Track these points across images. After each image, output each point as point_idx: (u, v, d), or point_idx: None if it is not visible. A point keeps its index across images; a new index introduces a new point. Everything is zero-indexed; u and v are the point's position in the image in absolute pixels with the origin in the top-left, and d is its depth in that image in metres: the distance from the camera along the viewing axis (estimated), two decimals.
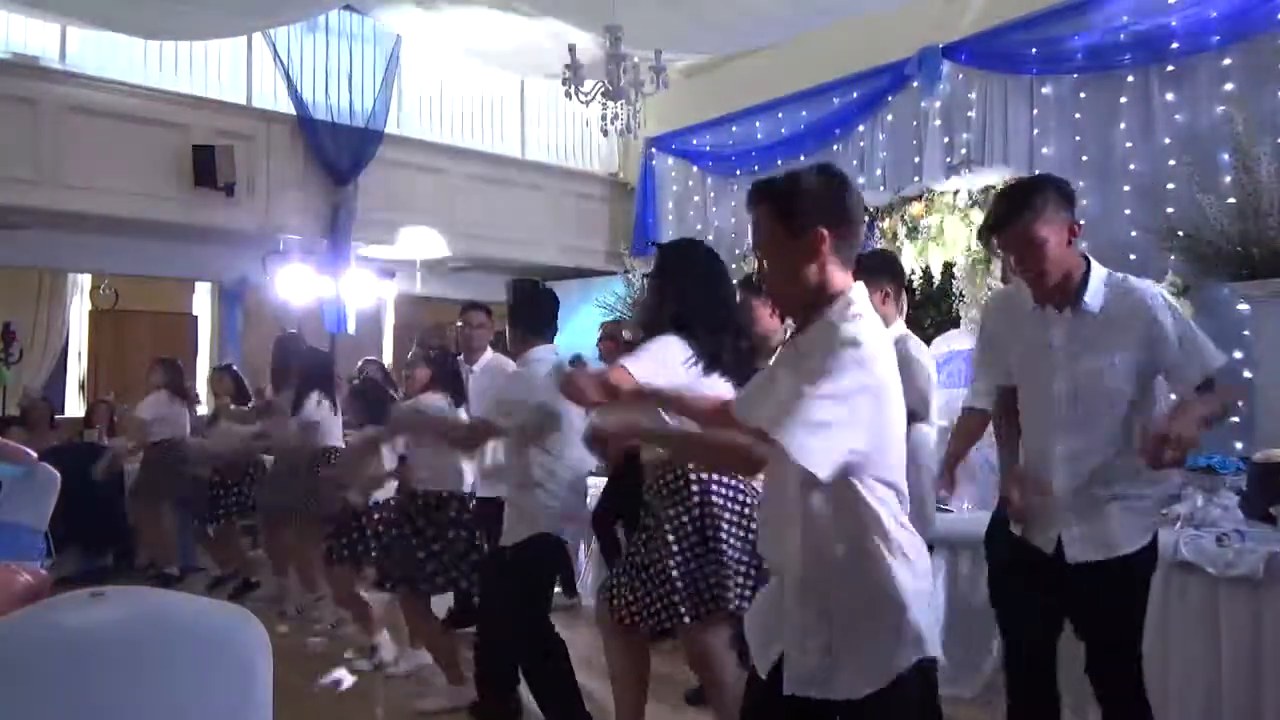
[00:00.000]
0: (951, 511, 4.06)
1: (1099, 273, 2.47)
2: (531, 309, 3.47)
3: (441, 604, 4.64)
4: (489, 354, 4.55)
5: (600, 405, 2.48)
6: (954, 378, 4.85)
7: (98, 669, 1.05)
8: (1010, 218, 2.40)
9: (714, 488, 2.77)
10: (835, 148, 7.30)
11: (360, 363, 5.89)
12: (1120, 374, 2.38)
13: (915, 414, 2.76)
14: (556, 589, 5.47)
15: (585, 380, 2.48)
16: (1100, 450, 2.40)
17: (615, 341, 5.29)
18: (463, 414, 4.03)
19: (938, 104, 6.55)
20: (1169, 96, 5.34)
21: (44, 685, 1.03)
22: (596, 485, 4.68)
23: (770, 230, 1.84)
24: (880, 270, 3.25)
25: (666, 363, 2.56)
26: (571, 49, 6.20)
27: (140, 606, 1.17)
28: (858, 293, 1.82)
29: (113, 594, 1.14)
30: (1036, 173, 5.27)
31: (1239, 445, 4.54)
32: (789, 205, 1.82)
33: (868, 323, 1.77)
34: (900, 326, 3.29)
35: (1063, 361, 2.44)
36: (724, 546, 2.74)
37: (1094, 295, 2.43)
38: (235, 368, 6.72)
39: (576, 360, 5.50)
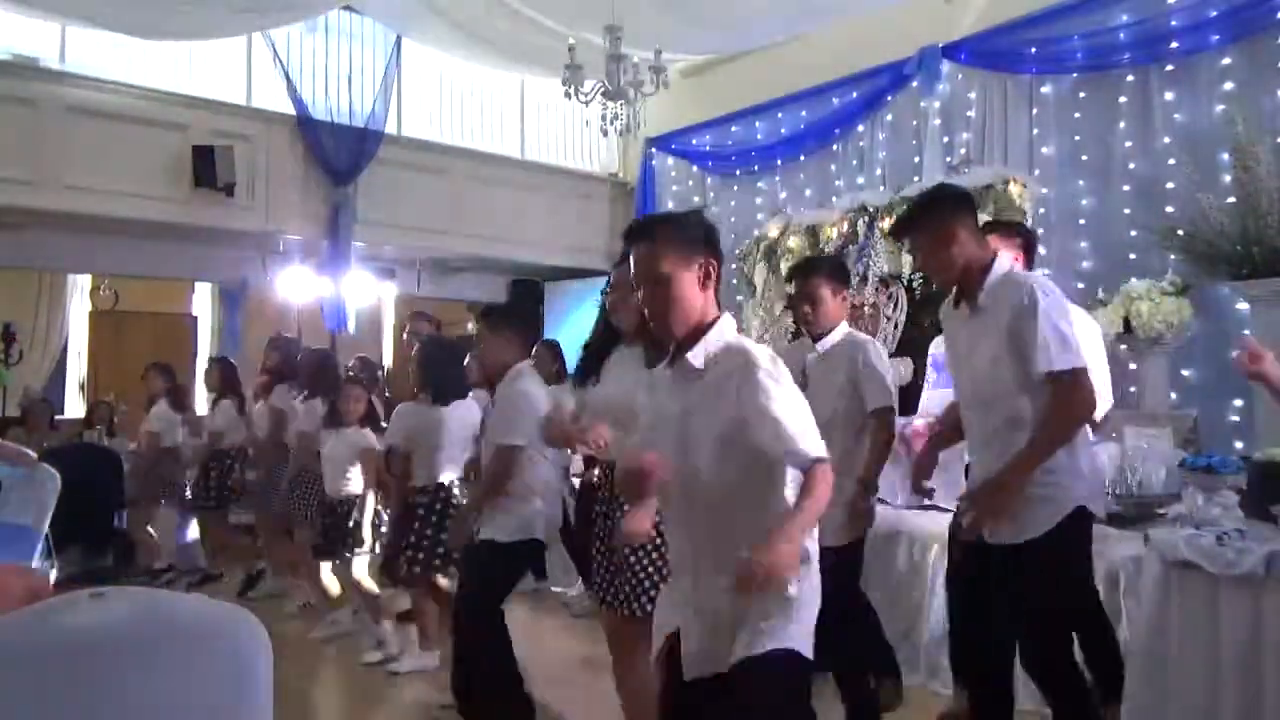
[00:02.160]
0: (949, 510, 4.06)
1: (998, 271, 2.60)
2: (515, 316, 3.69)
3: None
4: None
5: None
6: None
7: (98, 669, 1.05)
8: (906, 228, 2.79)
9: None
10: (835, 148, 7.31)
11: (352, 360, 5.88)
12: (1003, 363, 2.52)
13: None
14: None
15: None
16: (1000, 439, 2.55)
17: None
18: None
19: (937, 104, 6.55)
20: (1169, 96, 5.34)
21: (44, 685, 1.03)
22: None
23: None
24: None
25: None
26: (571, 49, 6.20)
27: (140, 606, 1.17)
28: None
29: (113, 594, 1.13)
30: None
31: (1239, 445, 4.55)
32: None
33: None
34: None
35: (964, 357, 2.65)
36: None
37: (987, 292, 2.58)
38: (231, 360, 6.69)
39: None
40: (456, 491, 4.18)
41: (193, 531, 6.64)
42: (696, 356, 1.98)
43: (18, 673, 1.03)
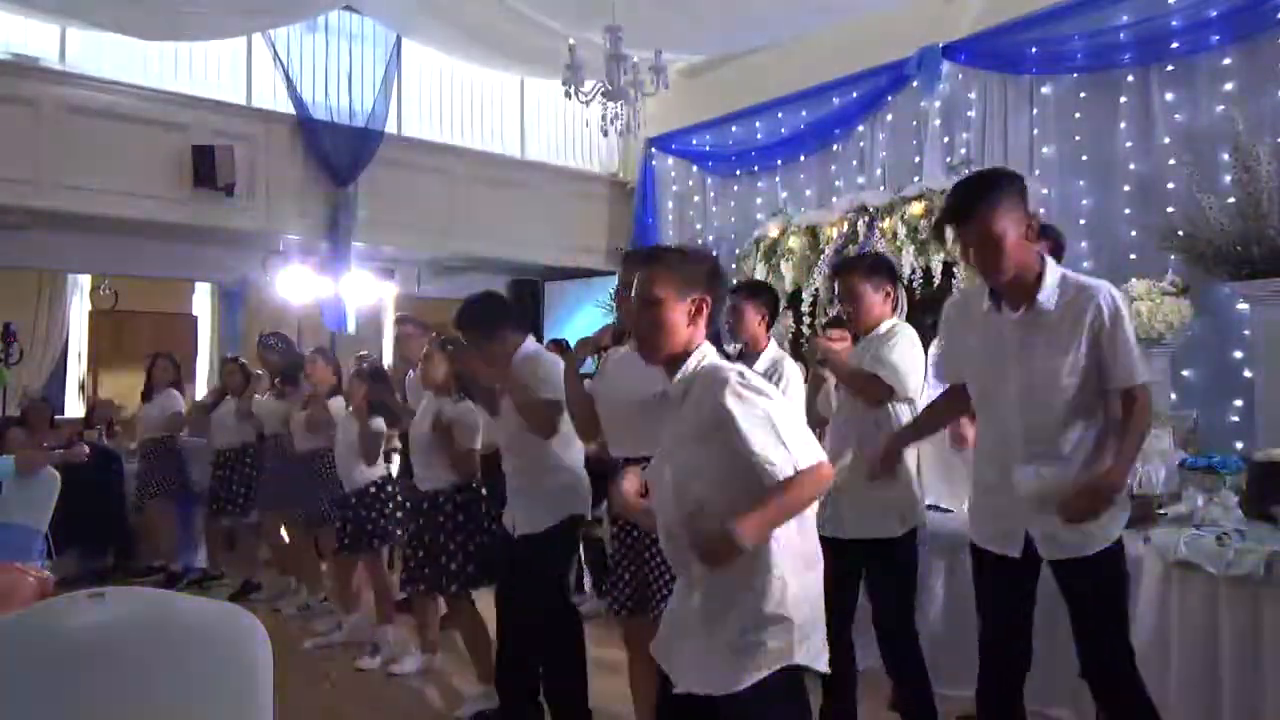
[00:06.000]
0: (951, 511, 4.06)
1: (1054, 271, 2.48)
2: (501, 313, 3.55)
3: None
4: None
5: None
6: None
7: (98, 669, 1.05)
8: (967, 210, 2.42)
9: None
10: (835, 148, 7.31)
11: (354, 357, 5.89)
12: (1073, 372, 2.41)
13: None
14: None
15: None
16: (1058, 451, 2.43)
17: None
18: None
19: (938, 104, 6.55)
20: (1169, 96, 5.34)
21: (44, 685, 1.03)
22: None
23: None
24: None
25: None
26: (571, 49, 6.20)
27: (140, 606, 1.17)
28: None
29: (113, 594, 1.14)
30: (1007, 168, 5.25)
31: (1239, 445, 4.55)
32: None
33: None
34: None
35: (1018, 362, 2.46)
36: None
37: (1048, 293, 2.43)
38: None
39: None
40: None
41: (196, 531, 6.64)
42: (676, 385, 2.05)
43: (19, 672, 1.03)
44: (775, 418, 1.93)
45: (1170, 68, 5.33)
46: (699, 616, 2.00)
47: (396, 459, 5.56)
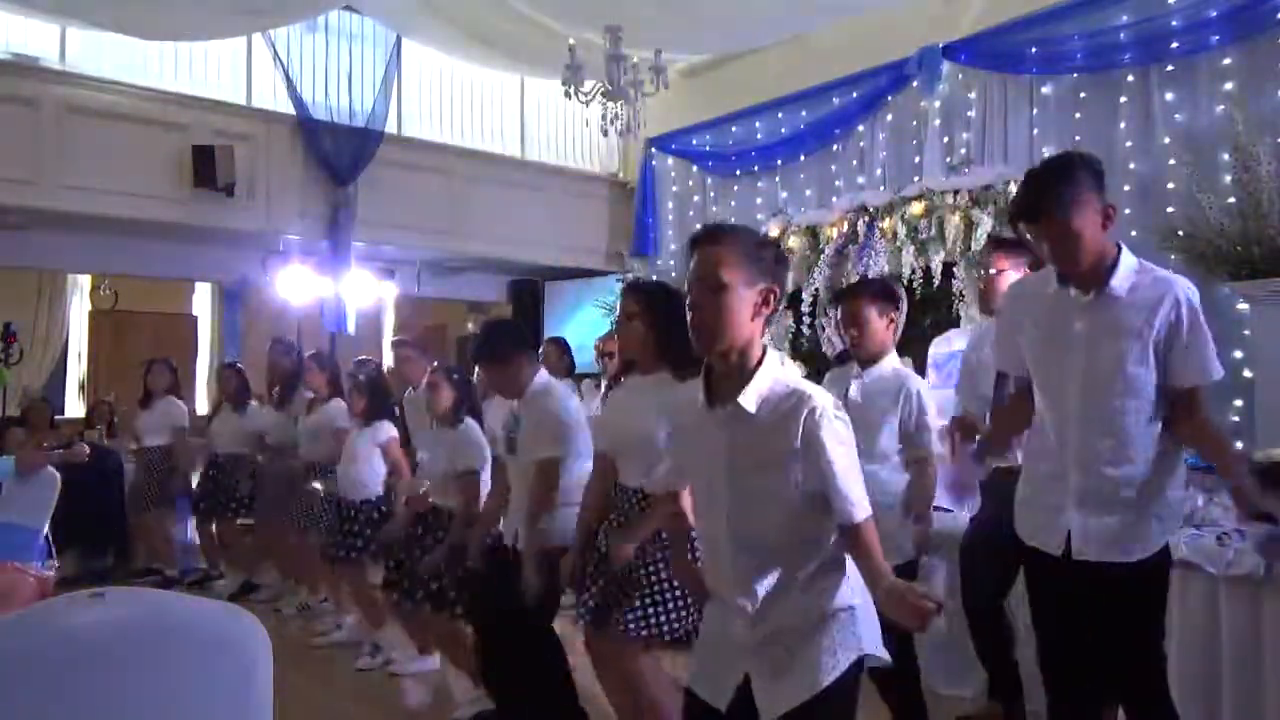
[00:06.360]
0: (951, 511, 4.06)
1: (1129, 259, 2.34)
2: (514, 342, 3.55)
3: None
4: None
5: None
6: (953, 378, 4.83)
7: (98, 669, 1.05)
8: (1044, 207, 2.28)
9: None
10: (835, 148, 7.30)
11: (353, 362, 5.88)
12: (1142, 360, 2.27)
13: None
14: None
15: None
16: (1118, 445, 2.30)
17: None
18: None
19: (938, 104, 6.55)
20: (1169, 96, 5.33)
21: (44, 685, 1.03)
22: None
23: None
24: None
25: None
26: (571, 49, 6.20)
27: (140, 606, 1.17)
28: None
29: (113, 594, 1.14)
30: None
31: (1239, 445, 4.54)
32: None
33: None
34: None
35: (1083, 347, 2.32)
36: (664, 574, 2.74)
37: (1122, 279, 2.30)
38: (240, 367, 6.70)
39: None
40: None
41: (191, 532, 6.64)
42: (748, 400, 1.87)
43: (19, 672, 1.03)
44: (856, 456, 1.88)
45: (1170, 68, 5.33)
46: (755, 637, 1.90)
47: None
